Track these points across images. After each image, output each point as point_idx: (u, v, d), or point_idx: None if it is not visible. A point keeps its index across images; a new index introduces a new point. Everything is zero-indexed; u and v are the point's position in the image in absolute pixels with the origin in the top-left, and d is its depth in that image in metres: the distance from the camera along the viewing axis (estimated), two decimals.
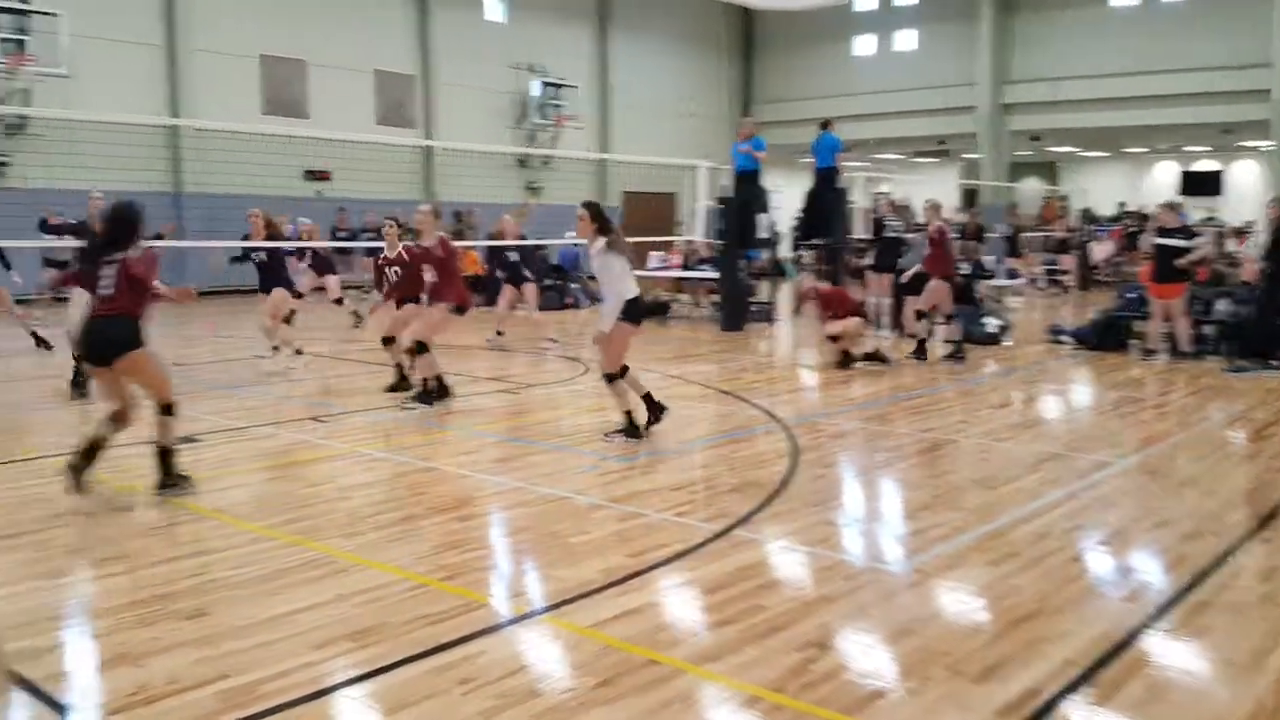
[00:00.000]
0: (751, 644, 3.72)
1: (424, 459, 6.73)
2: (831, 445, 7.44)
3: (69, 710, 3.26)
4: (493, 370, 10.90)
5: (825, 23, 30.50)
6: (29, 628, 3.82)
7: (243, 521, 5.25)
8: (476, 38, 25.42)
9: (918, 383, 10.32)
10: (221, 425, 7.71)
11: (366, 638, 3.74)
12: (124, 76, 19.09)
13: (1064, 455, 7.03)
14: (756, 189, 15.14)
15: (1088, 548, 5.04)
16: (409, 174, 23.37)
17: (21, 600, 4.12)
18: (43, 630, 3.84)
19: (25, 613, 3.98)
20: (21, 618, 3.91)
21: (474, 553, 4.84)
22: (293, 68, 21.90)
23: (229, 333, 14.40)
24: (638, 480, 6.22)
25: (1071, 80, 26.78)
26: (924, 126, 29.73)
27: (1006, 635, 3.84)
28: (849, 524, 5.48)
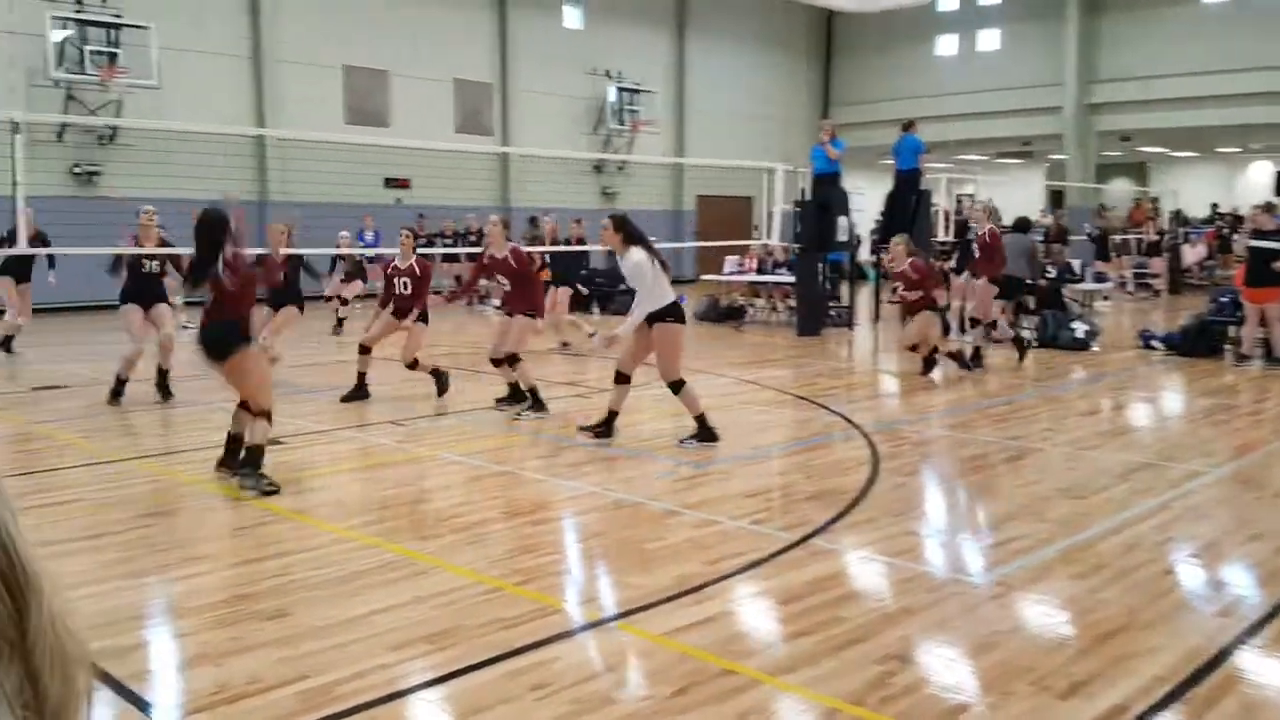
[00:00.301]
0: (829, 656, 3.64)
1: (499, 463, 6.77)
2: (913, 453, 7.29)
3: (151, 708, 3.32)
4: (567, 375, 10.94)
5: (907, 23, 30.07)
6: (113, 627, 3.90)
7: (324, 523, 5.33)
8: (554, 45, 25.61)
9: (1002, 389, 10.08)
10: (305, 428, 7.86)
11: (442, 640, 3.75)
12: (211, 87, 19.63)
13: (1154, 464, 6.78)
14: (836, 191, 14.98)
15: (1179, 560, 4.86)
16: (486, 181, 23.63)
17: (106, 599, 4.20)
18: (126, 629, 3.93)
19: (110, 612, 4.06)
20: (106, 617, 3.99)
21: (549, 557, 4.85)
22: (375, 78, 22.32)
23: (313, 337, 14.70)
24: (713, 487, 6.16)
25: (1162, 79, 25.95)
26: (1008, 127, 29.11)
27: (1093, 650, 3.71)
28: (931, 534, 5.36)
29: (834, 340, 14.47)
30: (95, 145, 18.42)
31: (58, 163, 17.85)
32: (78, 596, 4.16)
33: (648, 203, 26.36)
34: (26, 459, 6.87)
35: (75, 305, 17.65)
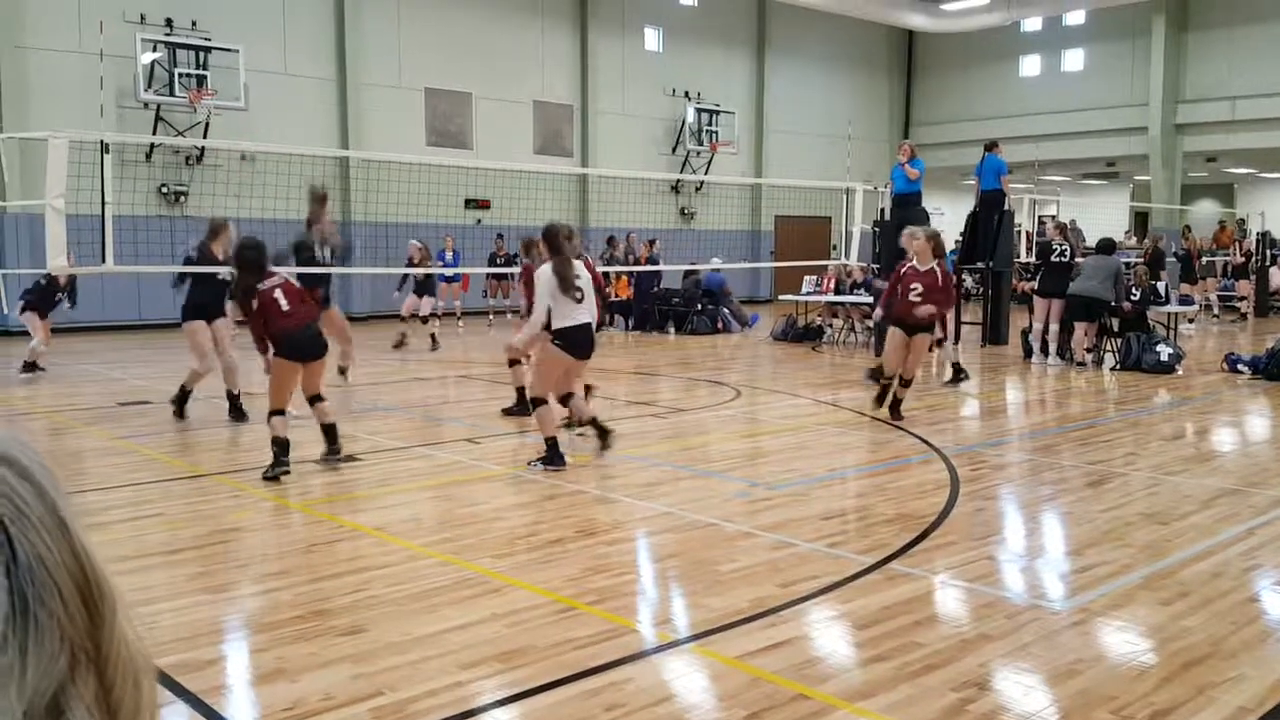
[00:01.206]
0: (906, 682, 3.59)
1: (574, 482, 6.81)
2: (993, 476, 7.16)
3: None
4: (640, 394, 10.97)
5: (990, 43, 29.70)
6: (190, 641, 3.97)
7: (400, 539, 5.41)
8: (634, 66, 25.83)
9: (1084, 413, 9.85)
10: (381, 445, 8.00)
11: (515, 659, 3.78)
12: (297, 109, 20.18)
13: (1240, 490, 6.56)
14: (916, 212, 14.81)
15: (1265, 588, 4.71)
16: (565, 201, 23.88)
17: (185, 614, 4.28)
18: (204, 643, 4.00)
19: (188, 626, 4.13)
20: (184, 631, 4.06)
21: (622, 577, 4.85)
22: (457, 100, 22.73)
23: (389, 356, 14.97)
24: (788, 509, 6.12)
25: (1248, 99, 25.25)
26: (1092, 148, 28.52)
27: (1176, 679, 3.60)
28: (1011, 559, 5.25)
29: None
30: (182, 165, 19.05)
31: (145, 183, 18.48)
32: (156, 611, 4.26)
33: (726, 224, 26.39)
34: (109, 473, 7.07)
35: (160, 323, 18.26)
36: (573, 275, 6.89)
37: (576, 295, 6.89)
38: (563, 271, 6.87)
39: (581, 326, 6.96)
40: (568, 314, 6.91)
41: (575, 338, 6.94)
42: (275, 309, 6.75)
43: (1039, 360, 13.62)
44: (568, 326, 6.92)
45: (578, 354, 7.02)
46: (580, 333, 6.95)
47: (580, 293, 6.91)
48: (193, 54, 18.44)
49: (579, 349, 7.00)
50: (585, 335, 7.00)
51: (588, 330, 7.02)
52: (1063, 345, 13.53)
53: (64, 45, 17.74)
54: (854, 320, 16.85)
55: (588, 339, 7.03)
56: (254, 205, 17.28)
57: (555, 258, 6.97)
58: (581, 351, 7.03)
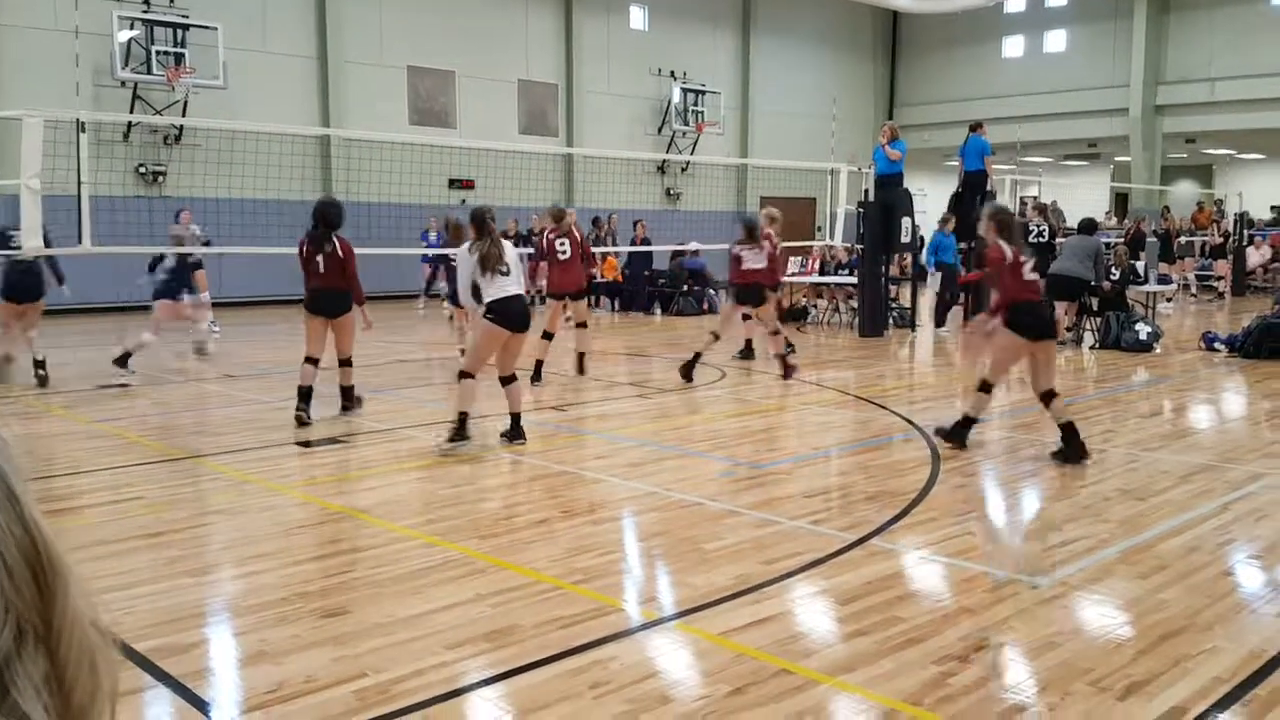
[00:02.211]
0: (887, 656, 3.63)
1: (559, 462, 6.83)
2: (973, 454, 7.21)
3: (210, 706, 3.36)
4: (629, 375, 10.98)
5: (973, 24, 29.72)
6: (172, 624, 3.95)
7: (384, 521, 5.41)
8: (619, 45, 25.72)
9: (1064, 391, 9.91)
10: (366, 427, 8.00)
11: (500, 639, 3.79)
12: (277, 88, 20.00)
13: (1216, 466, 6.65)
14: (900, 192, 14.86)
15: (1239, 562, 4.80)
16: (550, 182, 23.80)
17: (166, 597, 4.26)
18: (186, 627, 3.97)
19: (169, 609, 4.11)
20: (165, 615, 4.04)
21: (607, 556, 4.88)
22: (440, 79, 22.58)
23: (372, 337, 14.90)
24: (772, 487, 6.16)
25: (1228, 80, 25.40)
26: (1074, 129, 28.63)
27: (1152, 651, 3.67)
28: (991, 535, 5.31)
29: (896, 341, 14.35)
30: (161, 145, 18.87)
31: (123, 162, 18.30)
32: (136, 595, 4.25)
33: (711, 204, 26.37)
34: (88, 457, 7.00)
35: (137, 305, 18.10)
36: (495, 255, 6.94)
37: (501, 270, 6.94)
38: (482, 252, 6.94)
39: (511, 298, 6.95)
40: (496, 287, 6.93)
41: (505, 309, 6.92)
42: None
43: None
44: (497, 299, 6.92)
45: (510, 325, 6.97)
46: (511, 304, 6.95)
47: (506, 267, 6.95)
48: (170, 31, 18.25)
49: (510, 320, 6.96)
50: (516, 306, 6.99)
51: (518, 301, 7.02)
52: None
53: (39, 23, 17.50)
54: (838, 301, 16.89)
55: (518, 310, 7.01)
56: (234, 185, 17.16)
57: (477, 240, 7.04)
58: (513, 323, 6.98)
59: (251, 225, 16.67)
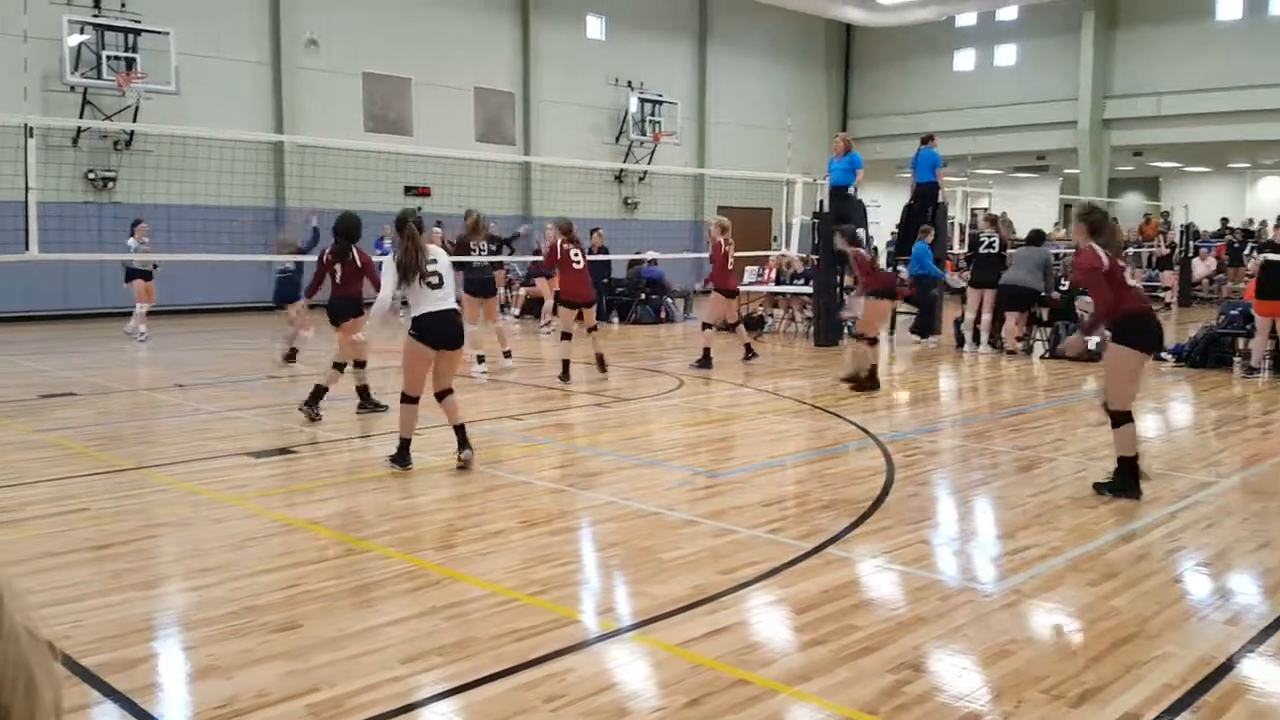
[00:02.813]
0: (844, 664, 3.65)
1: (516, 472, 6.79)
2: (927, 462, 7.29)
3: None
4: (587, 384, 10.96)
5: (925, 38, 30.12)
6: (120, 639, 3.87)
7: (337, 533, 5.34)
8: (576, 54, 25.72)
9: (1015, 400, 10.07)
10: (318, 437, 7.90)
11: (455, 652, 3.75)
12: (230, 94, 19.75)
13: (1164, 474, 6.76)
14: (853, 203, 14.99)
15: (1188, 569, 4.88)
16: (507, 190, 23.73)
17: (113, 611, 4.17)
18: (133, 641, 3.89)
19: (116, 624, 4.02)
20: (113, 629, 3.96)
21: (564, 567, 4.85)
22: (396, 85, 22.44)
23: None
24: (730, 496, 6.17)
25: (1174, 95, 25.98)
26: (1024, 141, 29.10)
27: (1104, 658, 3.72)
28: (944, 543, 5.35)
29: (851, 350, 14.44)
30: (111, 151, 18.56)
31: (72, 168, 17.98)
32: (82, 609, 4.16)
33: (669, 213, 26.45)
34: (31, 468, 6.82)
35: (86, 312, 17.82)
36: (416, 263, 6.46)
37: (430, 281, 6.48)
38: (401, 260, 6.49)
39: (435, 314, 6.45)
40: (420, 301, 6.49)
41: (427, 325, 6.44)
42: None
43: (971, 349, 13.90)
44: (420, 314, 6.46)
45: (432, 342, 6.48)
46: (432, 320, 6.45)
47: (436, 278, 6.49)
48: (122, 36, 17.96)
49: (432, 336, 6.46)
50: (438, 322, 6.47)
51: (443, 317, 6.50)
52: (994, 334, 13.82)
53: None
54: (794, 310, 17.00)
55: (442, 326, 6.49)
56: (185, 191, 16.91)
57: (400, 246, 6.59)
58: (436, 339, 6.48)
59: (204, 232, 16.44)
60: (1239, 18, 25.30)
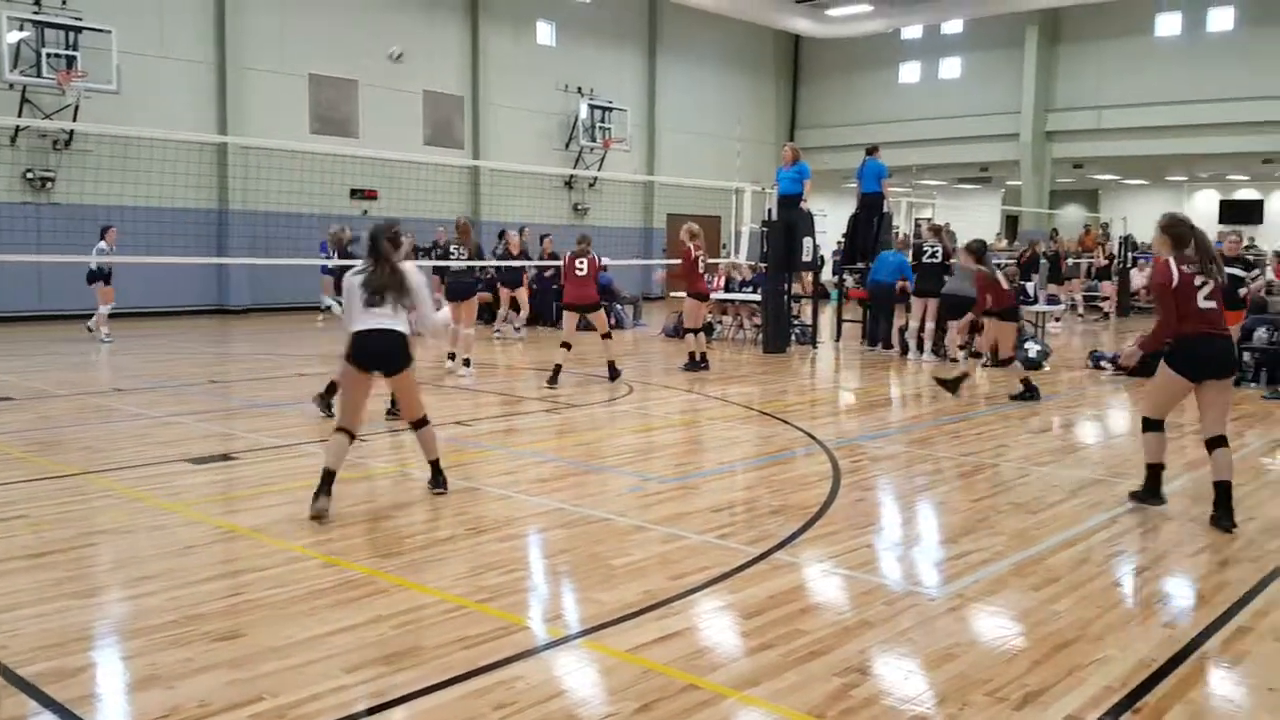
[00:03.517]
0: (792, 669, 3.68)
1: (465, 479, 6.75)
2: (872, 468, 7.37)
3: None
4: (536, 390, 10.93)
5: (872, 50, 30.53)
6: (59, 648, 3.79)
7: (280, 540, 5.26)
8: (526, 59, 25.68)
9: (957, 407, 10.22)
10: (261, 443, 7.78)
11: (402, 660, 3.72)
12: (173, 94, 19.44)
13: (1104, 480, 6.93)
14: (801, 212, 15.14)
15: (1128, 573, 4.99)
16: (456, 194, 23.61)
17: (52, 620, 4.09)
18: (73, 650, 3.81)
19: (55, 632, 3.95)
20: (52, 638, 3.88)
21: (513, 574, 4.83)
22: (342, 87, 22.23)
23: (270, 350, 14.58)
24: (679, 502, 6.19)
25: (1115, 109, 26.63)
26: (967, 153, 29.60)
27: (1047, 661, 3.79)
28: (889, 548, 5.42)
29: (798, 357, 14.59)
30: (50, 150, 18.16)
31: (9, 168, 17.57)
32: (20, 617, 4.07)
33: (619, 220, 26.51)
34: None
35: (22, 315, 17.41)
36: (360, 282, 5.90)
37: (372, 300, 5.84)
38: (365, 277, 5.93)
39: (364, 333, 5.81)
40: (354, 318, 5.89)
41: (357, 343, 5.83)
42: None
43: (915, 357, 14.09)
44: (354, 330, 5.87)
45: (358, 363, 5.83)
46: (360, 339, 5.82)
47: (378, 298, 5.83)
48: (62, 34, 17.56)
49: (360, 356, 5.81)
50: (366, 342, 5.81)
51: (372, 337, 5.81)
52: (937, 343, 14.03)
53: None
54: (743, 317, 17.11)
55: (367, 347, 5.81)
56: (127, 192, 16.60)
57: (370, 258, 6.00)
58: (362, 361, 5.82)
59: (146, 234, 16.14)
60: (1178, 34, 25.99)
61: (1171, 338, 5.81)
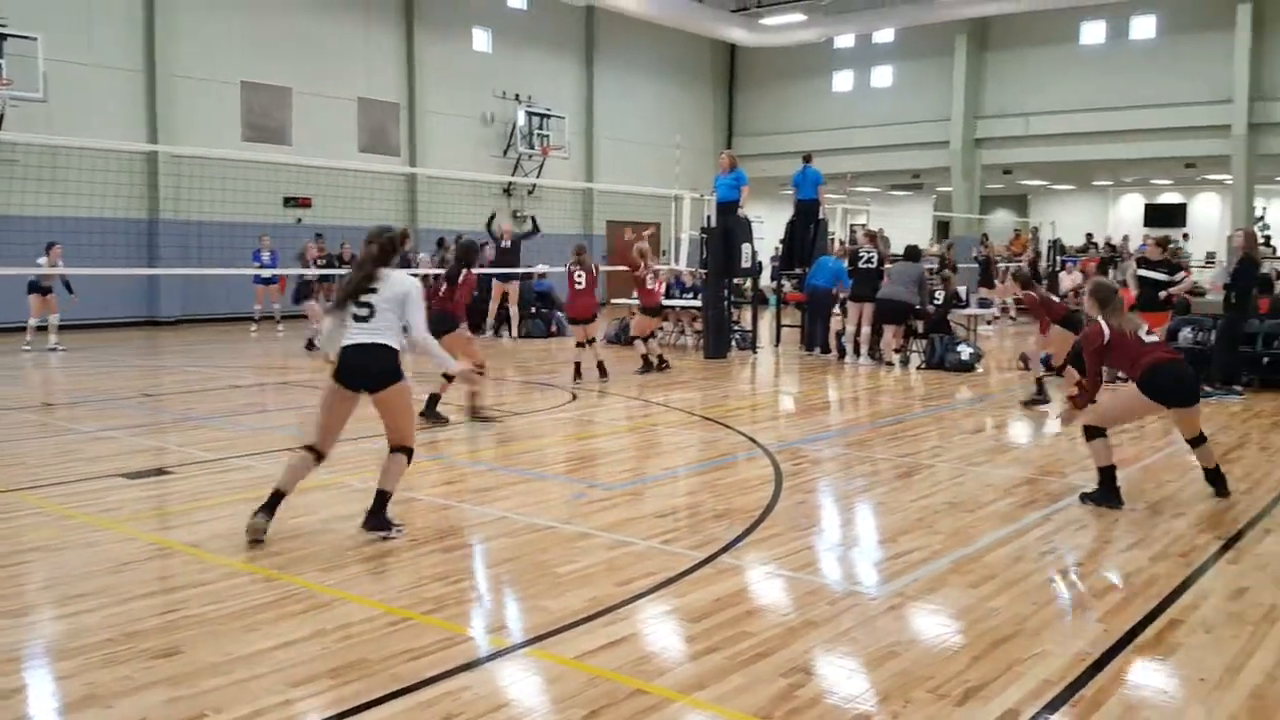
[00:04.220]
0: (737, 671, 3.71)
1: (406, 489, 6.67)
2: (813, 471, 7.46)
3: None
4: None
5: (806, 59, 30.86)
6: None
7: (218, 556, 5.17)
8: (462, 66, 25.53)
9: (894, 409, 10.39)
10: (195, 457, 7.64)
11: (346, 674, 3.68)
12: (102, 101, 19.00)
13: (1036, 479, 7.10)
14: (739, 219, 15.27)
15: (1062, 569, 5.11)
16: (392, 201, 23.40)
17: None
18: (5, 671, 3.73)
19: None
20: None
21: (458, 585, 4.80)
22: (275, 95, 21.90)
23: (203, 362, 14.31)
24: (624, 509, 6.20)
25: (1042, 115, 27.25)
26: (900, 160, 30.05)
27: (986, 657, 3.87)
28: (831, 549, 5.50)
29: (739, 362, 14.69)
30: None
31: None
32: None
33: (558, 226, 26.43)
34: None
35: None
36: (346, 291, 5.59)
37: (356, 312, 5.51)
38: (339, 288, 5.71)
39: (351, 347, 5.47)
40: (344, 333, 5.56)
41: (342, 359, 5.49)
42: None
43: (852, 361, 14.29)
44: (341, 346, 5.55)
45: (345, 380, 5.47)
46: (345, 354, 5.48)
47: (366, 309, 5.48)
48: None
49: (345, 374, 5.47)
50: (348, 357, 5.47)
51: (355, 352, 5.45)
52: (873, 346, 14.24)
53: None
54: (684, 324, 17.19)
55: (347, 362, 5.46)
56: (55, 202, 16.18)
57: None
58: (348, 377, 5.46)
59: (75, 245, 15.75)
60: (1102, 42, 26.68)
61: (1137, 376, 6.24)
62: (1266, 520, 6.03)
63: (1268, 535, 5.71)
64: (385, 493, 5.56)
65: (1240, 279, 11.26)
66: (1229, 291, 11.36)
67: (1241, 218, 23.51)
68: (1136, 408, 6.40)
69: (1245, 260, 11.31)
